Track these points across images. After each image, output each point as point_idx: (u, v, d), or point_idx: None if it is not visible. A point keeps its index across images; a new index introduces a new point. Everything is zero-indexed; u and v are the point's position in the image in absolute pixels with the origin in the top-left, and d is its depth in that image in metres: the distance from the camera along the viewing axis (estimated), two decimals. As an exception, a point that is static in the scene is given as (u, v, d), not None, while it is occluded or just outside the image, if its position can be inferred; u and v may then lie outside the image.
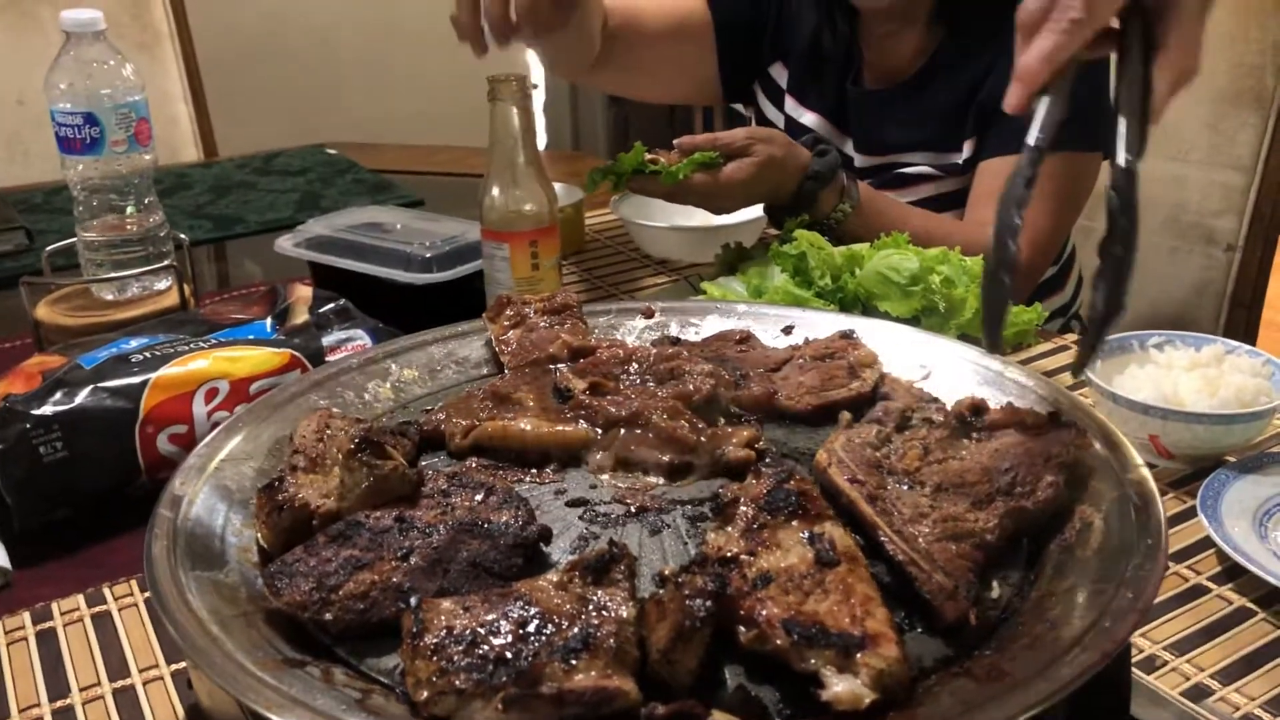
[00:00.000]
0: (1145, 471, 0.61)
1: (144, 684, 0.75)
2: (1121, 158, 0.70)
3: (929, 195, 1.54)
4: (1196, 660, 0.81)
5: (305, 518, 0.58)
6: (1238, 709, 0.76)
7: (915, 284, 1.21)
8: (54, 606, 0.87)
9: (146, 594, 0.87)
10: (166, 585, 0.53)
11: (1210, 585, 0.89)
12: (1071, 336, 1.37)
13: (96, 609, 0.87)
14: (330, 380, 0.75)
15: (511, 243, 1.17)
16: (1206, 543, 0.93)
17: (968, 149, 1.52)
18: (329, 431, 0.64)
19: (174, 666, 0.76)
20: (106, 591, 0.89)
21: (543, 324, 0.77)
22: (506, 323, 0.79)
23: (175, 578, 0.54)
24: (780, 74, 1.68)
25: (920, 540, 0.57)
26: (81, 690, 0.75)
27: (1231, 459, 1.02)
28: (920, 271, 1.21)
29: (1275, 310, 2.06)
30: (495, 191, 1.20)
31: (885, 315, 1.19)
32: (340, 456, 0.60)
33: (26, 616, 0.86)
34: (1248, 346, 1.11)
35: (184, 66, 2.25)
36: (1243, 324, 1.94)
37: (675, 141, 1.35)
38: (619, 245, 1.67)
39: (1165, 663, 0.81)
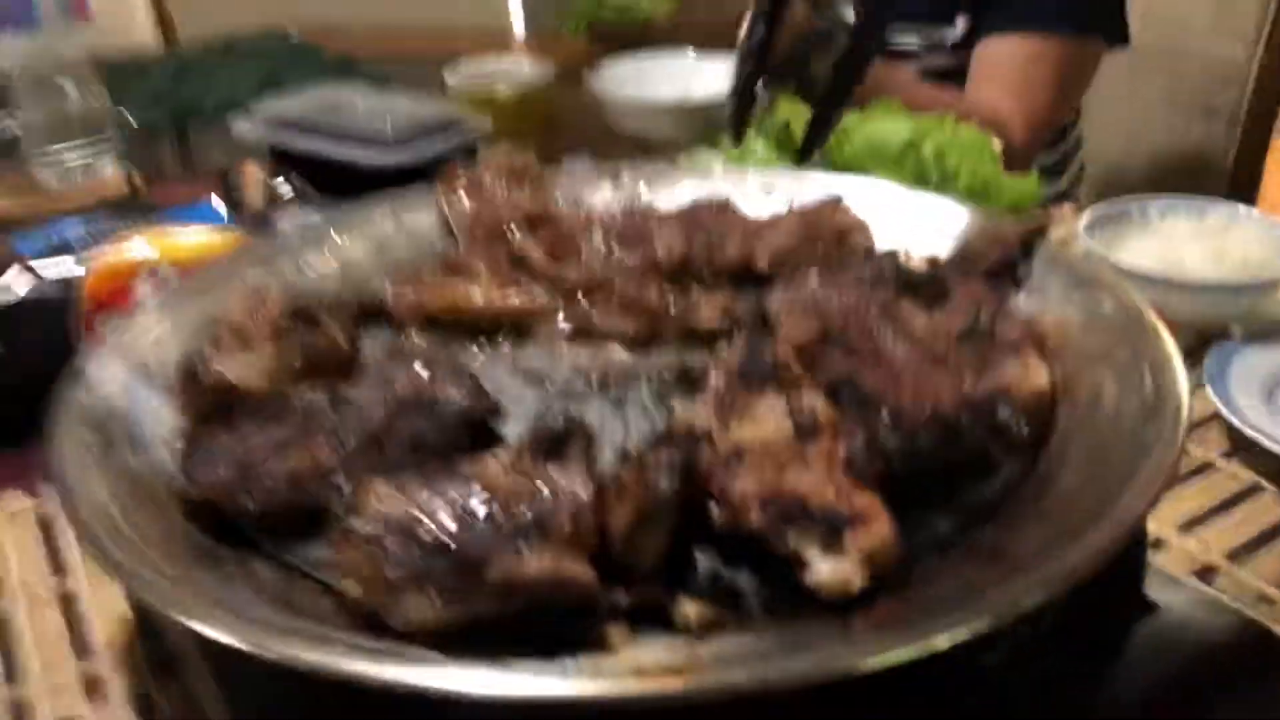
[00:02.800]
0: (1163, 331, 0.56)
1: (88, 583, 0.70)
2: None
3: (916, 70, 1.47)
4: (1206, 539, 0.77)
5: (230, 397, 0.52)
6: (1247, 588, 0.72)
7: (906, 153, 1.15)
8: (-2, 502, 0.82)
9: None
10: (69, 473, 0.47)
11: (1219, 461, 0.84)
12: (1068, 208, 1.31)
13: (43, 507, 0.82)
14: (271, 255, 0.69)
15: None
16: (1214, 417, 0.88)
17: (961, 25, 1.45)
18: (261, 305, 0.58)
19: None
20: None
21: (500, 190, 0.71)
22: (461, 189, 0.72)
23: (79, 465, 0.48)
24: None
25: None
26: (23, 585, 0.70)
27: (1238, 329, 0.96)
28: (913, 139, 1.15)
29: (1275, 189, 2.01)
30: None
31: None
32: (269, 330, 0.53)
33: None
34: (1256, 211, 1.04)
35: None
36: (1243, 199, 1.87)
37: None
38: (591, 125, 1.59)
39: (1173, 543, 0.77)
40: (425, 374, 0.52)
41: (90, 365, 0.56)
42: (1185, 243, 1.02)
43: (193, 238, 1.03)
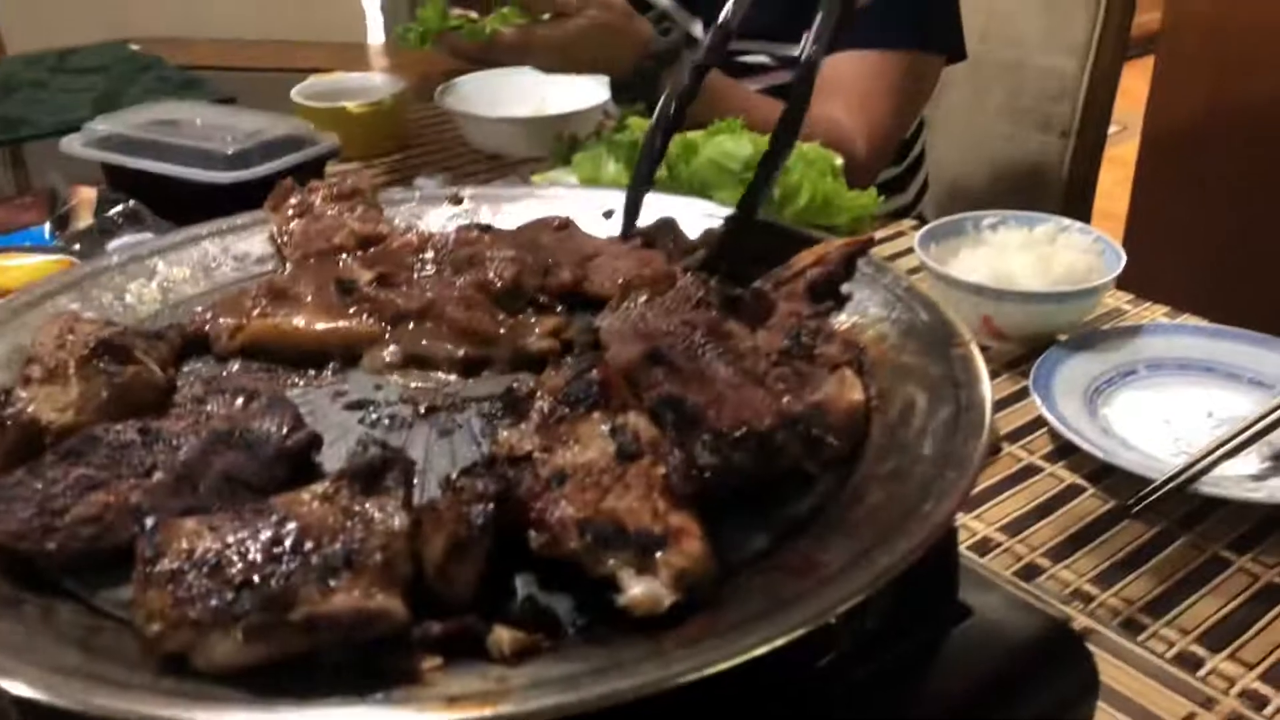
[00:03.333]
0: (972, 347, 0.58)
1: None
2: (805, 48, 0.72)
3: (763, 88, 1.50)
4: (1028, 540, 0.80)
5: (35, 435, 0.50)
6: (1067, 585, 0.76)
7: (749, 171, 1.17)
8: None
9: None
10: None
11: (1043, 464, 0.88)
12: (909, 223, 1.35)
13: None
14: (86, 280, 0.66)
15: None
16: (1039, 422, 0.92)
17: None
18: (71, 337, 0.56)
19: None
20: None
21: (330, 211, 0.70)
22: (290, 211, 0.71)
23: None
24: None
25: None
26: None
27: (1063, 338, 1.01)
28: (754, 157, 1.17)
29: (1107, 199, 2.10)
30: None
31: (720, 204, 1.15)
32: (77, 364, 0.52)
33: None
34: (1080, 224, 1.09)
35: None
36: (1077, 213, 1.96)
37: None
38: (447, 141, 1.58)
39: (999, 544, 0.80)
40: (241, 405, 0.51)
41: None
42: (1015, 254, 1.06)
43: (20, 261, 0.99)
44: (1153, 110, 2.36)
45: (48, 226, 1.07)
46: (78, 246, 1.03)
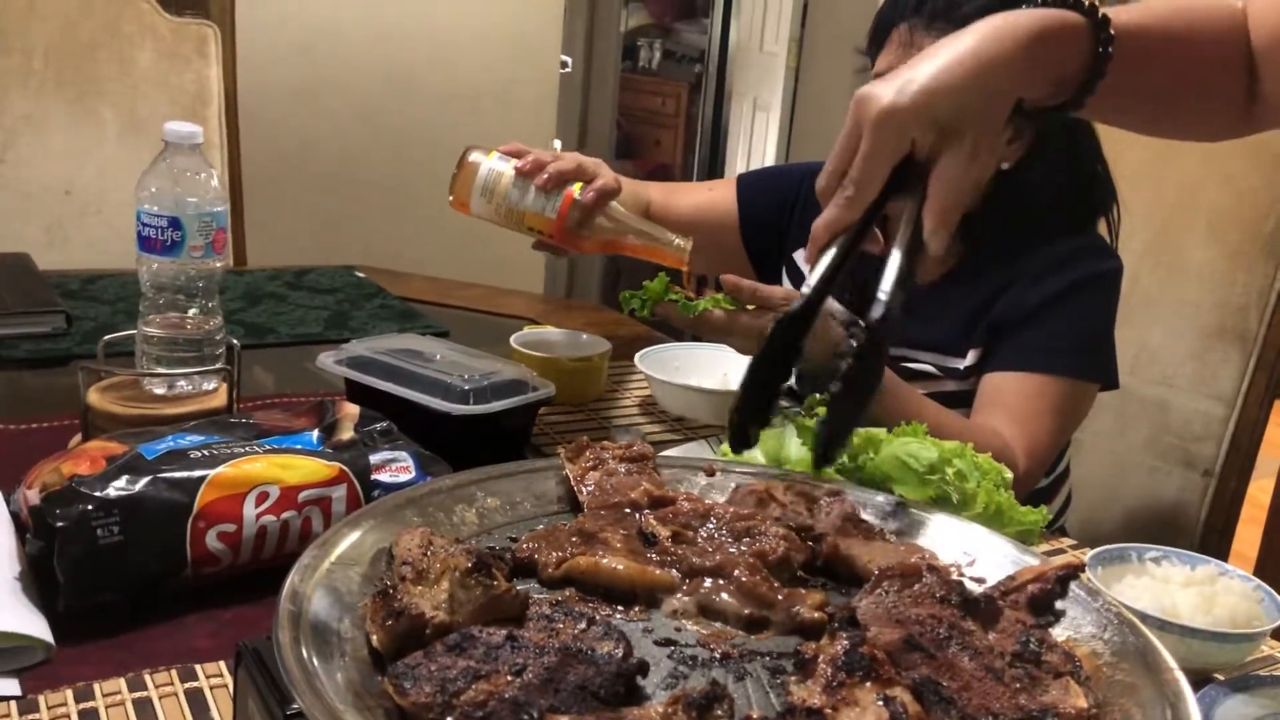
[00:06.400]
0: (1179, 673, 0.67)
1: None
2: (882, 291, 0.88)
3: (926, 392, 1.63)
4: None
5: (420, 626, 0.62)
6: None
7: (933, 473, 1.28)
8: (96, 688, 0.89)
9: (186, 684, 0.90)
10: (297, 671, 0.57)
11: (1207, 795, 0.94)
12: (1069, 541, 1.44)
13: (138, 694, 0.89)
14: (424, 499, 0.80)
15: None
16: (1201, 753, 0.98)
17: (971, 356, 1.63)
18: (432, 548, 0.69)
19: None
20: (148, 678, 0.91)
21: (621, 470, 0.83)
22: (586, 464, 0.84)
23: (304, 665, 0.58)
24: (804, 260, 1.80)
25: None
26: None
27: (1220, 676, 1.07)
28: (938, 462, 1.29)
29: (1239, 540, 2.15)
30: None
31: (901, 499, 1.26)
32: (455, 573, 0.64)
33: (69, 694, 0.88)
34: (1240, 571, 1.18)
35: (228, 176, 2.35)
36: (1214, 548, 2.02)
37: (721, 277, 1.42)
38: (637, 398, 1.74)
39: None
40: (584, 628, 0.63)
41: (298, 582, 0.67)
42: (1177, 590, 1.14)
43: (298, 461, 1.15)
44: (1288, 457, 2.42)
45: (316, 433, 1.22)
46: (346, 455, 1.17)
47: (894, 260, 0.91)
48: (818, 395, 1.54)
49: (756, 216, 1.88)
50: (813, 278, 0.92)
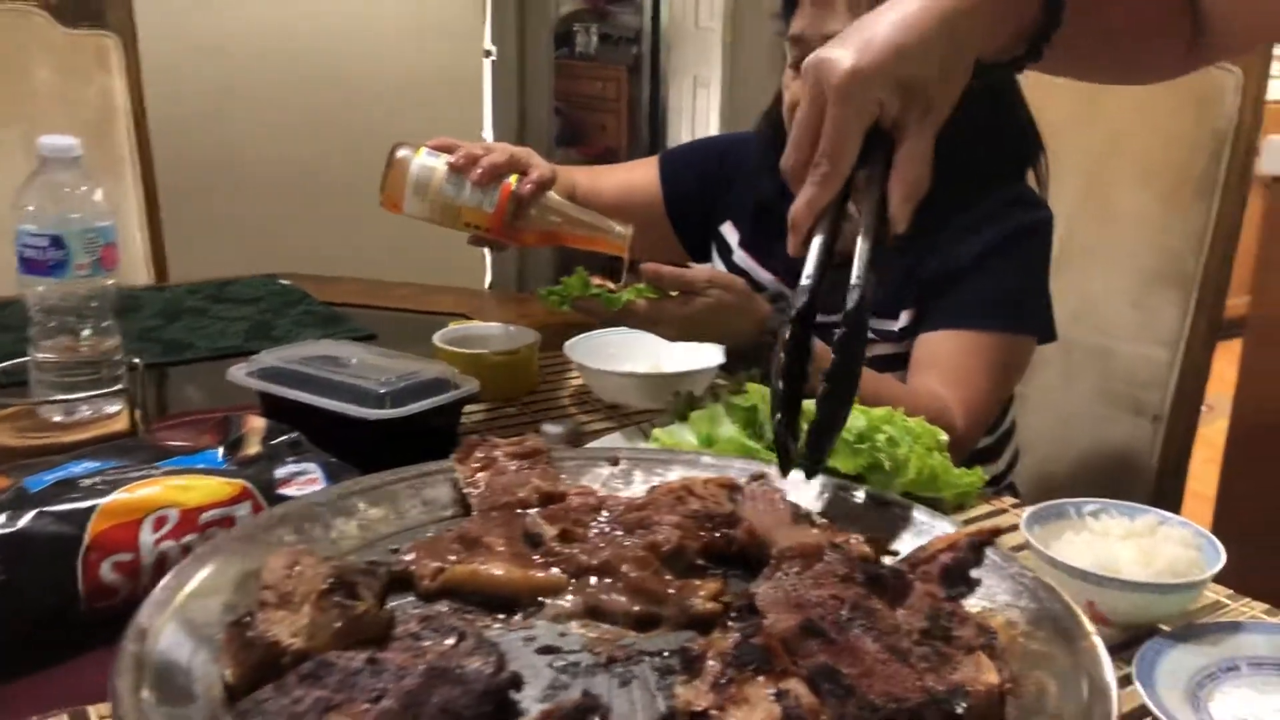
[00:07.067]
0: (1097, 640, 0.64)
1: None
2: (854, 277, 0.82)
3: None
4: (1138, 830, 0.82)
5: (275, 655, 0.58)
6: None
7: (862, 441, 1.25)
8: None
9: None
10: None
11: (1149, 754, 0.91)
12: (1009, 500, 1.41)
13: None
14: (298, 516, 0.75)
15: None
16: (1143, 710, 0.95)
17: (904, 318, 1.60)
18: (298, 569, 0.64)
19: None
20: (40, 724, 0.86)
21: (512, 467, 0.79)
22: (476, 465, 0.80)
23: (142, 713, 0.53)
24: (731, 232, 1.77)
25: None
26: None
27: (1164, 628, 1.04)
28: (867, 430, 1.25)
29: (1195, 480, 2.14)
30: None
31: (833, 471, 1.22)
32: (311, 595, 0.60)
33: (-46, 741, 0.83)
34: (1180, 518, 1.15)
35: (143, 190, 2.28)
36: (1169, 492, 2.00)
37: (641, 266, 1.38)
38: (572, 388, 1.70)
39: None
40: (453, 644, 0.58)
41: (144, 619, 0.62)
42: (1117, 543, 1.11)
43: (198, 481, 1.10)
44: (1241, 396, 2.41)
45: (221, 450, 1.17)
46: (249, 471, 1.12)
47: (860, 243, 0.86)
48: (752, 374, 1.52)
49: (681, 193, 1.85)
50: (808, 267, 0.85)
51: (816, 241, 0.85)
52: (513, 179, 1.42)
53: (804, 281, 0.85)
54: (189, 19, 3.06)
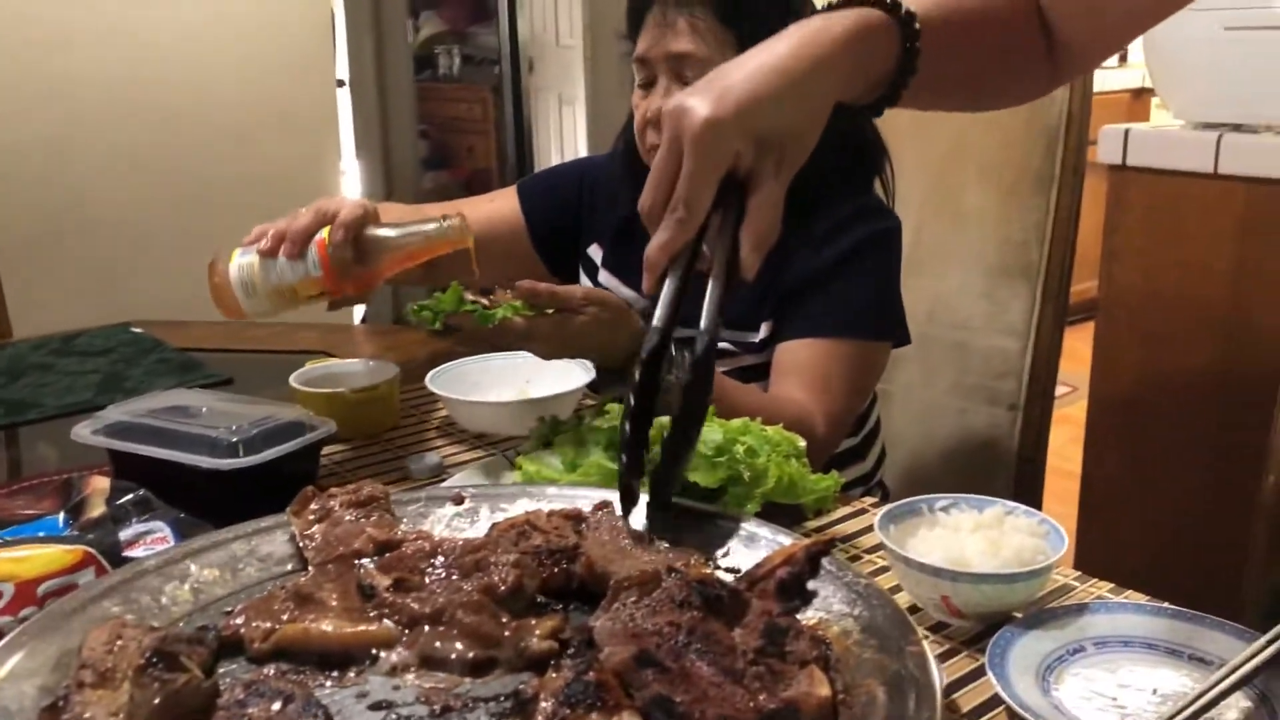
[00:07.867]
0: (925, 645, 0.65)
1: None
2: (703, 322, 0.84)
3: (724, 370, 1.62)
4: (988, 821, 0.84)
5: (91, 739, 0.56)
6: None
7: (721, 455, 1.26)
8: None
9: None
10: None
11: (1003, 743, 0.93)
12: (869, 500, 1.44)
13: None
14: (125, 584, 0.73)
15: None
16: (998, 700, 0.97)
17: (764, 329, 1.63)
18: (120, 642, 0.62)
19: None
20: None
21: (348, 517, 0.77)
22: (311, 516, 0.78)
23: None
24: (596, 253, 1.79)
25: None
26: None
27: (1017, 615, 1.08)
28: (724, 442, 1.26)
29: (1061, 458, 2.21)
30: None
31: (694, 486, 1.23)
32: (131, 670, 0.58)
33: None
34: (1024, 507, 1.19)
35: (-22, 245, 2.18)
36: (1029, 476, 2.07)
37: (516, 284, 1.37)
38: (435, 421, 1.68)
39: (963, 825, 0.84)
40: (280, 708, 0.57)
41: (-48, 710, 0.59)
42: (967, 537, 1.14)
43: (35, 551, 1.05)
44: (1096, 378, 2.51)
45: (62, 515, 1.13)
46: (91, 536, 1.08)
47: (711, 288, 0.87)
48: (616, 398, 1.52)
49: (543, 220, 1.86)
50: (660, 308, 0.87)
51: (669, 284, 0.86)
52: (324, 232, 1.40)
53: (655, 323, 0.87)
54: (22, 66, 2.95)
